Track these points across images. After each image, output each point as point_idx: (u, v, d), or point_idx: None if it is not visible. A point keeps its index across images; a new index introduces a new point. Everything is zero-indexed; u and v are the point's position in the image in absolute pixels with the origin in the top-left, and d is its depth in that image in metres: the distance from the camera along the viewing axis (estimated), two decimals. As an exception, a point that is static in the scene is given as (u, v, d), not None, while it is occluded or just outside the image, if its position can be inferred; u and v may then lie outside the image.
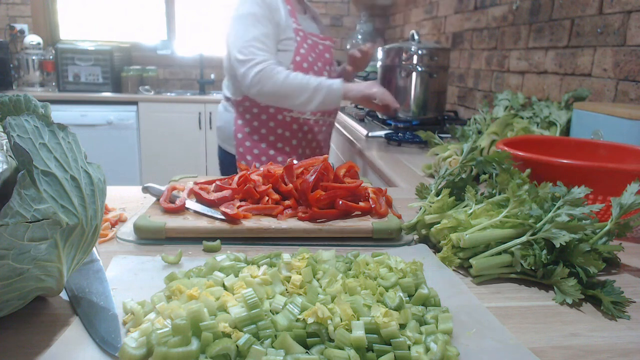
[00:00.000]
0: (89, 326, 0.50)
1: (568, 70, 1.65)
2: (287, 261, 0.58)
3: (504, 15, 2.05)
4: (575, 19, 1.61)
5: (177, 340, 0.44)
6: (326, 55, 1.77)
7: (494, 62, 2.14)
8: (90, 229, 0.52)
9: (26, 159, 0.45)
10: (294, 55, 1.64)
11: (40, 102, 0.56)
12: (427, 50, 2.01)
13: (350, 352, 0.44)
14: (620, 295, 0.59)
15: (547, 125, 1.43)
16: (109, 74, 3.47)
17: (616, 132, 1.15)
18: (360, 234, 0.77)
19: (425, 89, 2.04)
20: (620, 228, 0.67)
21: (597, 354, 0.50)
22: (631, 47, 1.38)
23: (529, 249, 0.65)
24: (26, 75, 3.59)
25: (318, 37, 1.74)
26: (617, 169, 0.81)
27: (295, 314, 0.49)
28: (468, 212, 0.72)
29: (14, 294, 0.47)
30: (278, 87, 1.56)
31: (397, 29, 3.67)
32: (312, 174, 0.83)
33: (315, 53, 1.71)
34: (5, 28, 3.69)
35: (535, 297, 0.62)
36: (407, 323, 0.49)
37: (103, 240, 0.75)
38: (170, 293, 0.52)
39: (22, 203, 0.43)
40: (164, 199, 0.83)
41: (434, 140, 1.31)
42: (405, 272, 0.57)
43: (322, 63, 1.73)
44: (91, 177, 0.52)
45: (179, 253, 0.67)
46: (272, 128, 1.75)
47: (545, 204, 0.69)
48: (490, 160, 0.82)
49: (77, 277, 0.60)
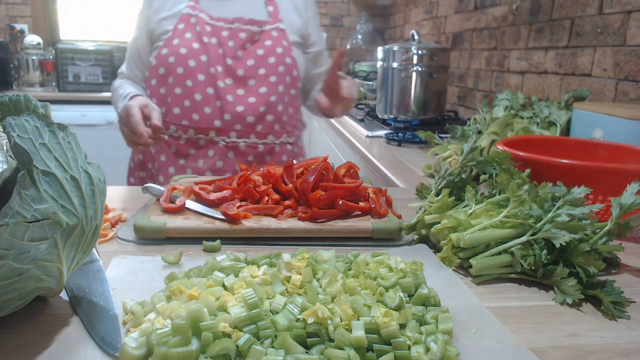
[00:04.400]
0: (89, 326, 0.50)
1: (568, 70, 1.65)
2: (287, 261, 0.58)
3: (504, 15, 2.05)
4: (575, 19, 1.61)
5: (177, 340, 0.44)
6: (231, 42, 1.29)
7: (494, 62, 2.14)
8: (90, 229, 0.52)
9: (26, 159, 0.45)
10: (160, 49, 1.28)
11: (40, 102, 0.56)
12: (427, 50, 2.01)
13: (350, 352, 0.44)
14: (620, 295, 0.59)
15: (547, 125, 1.43)
16: (109, 74, 3.47)
17: (616, 132, 1.15)
18: (360, 234, 0.77)
19: (425, 89, 2.04)
20: (620, 228, 0.67)
21: (597, 354, 0.50)
22: (631, 47, 1.38)
23: (529, 249, 0.65)
24: (26, 75, 3.59)
25: (225, 21, 1.30)
26: (617, 169, 0.81)
27: (295, 314, 0.49)
28: (468, 212, 0.72)
29: (14, 294, 0.47)
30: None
31: (397, 29, 3.67)
32: (312, 174, 0.83)
33: (207, 41, 1.27)
34: (5, 28, 3.69)
35: (535, 297, 0.62)
36: (407, 323, 0.49)
37: (103, 240, 0.75)
38: (170, 293, 0.52)
39: (22, 203, 0.43)
40: (164, 199, 0.83)
41: (434, 140, 1.31)
42: (405, 272, 0.57)
43: (224, 50, 1.28)
44: (91, 177, 0.52)
45: (179, 253, 0.67)
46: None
47: (545, 204, 0.69)
48: (490, 160, 0.82)
49: (77, 277, 0.60)
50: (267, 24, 1.34)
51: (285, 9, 1.39)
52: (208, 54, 1.27)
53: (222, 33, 1.30)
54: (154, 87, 1.32)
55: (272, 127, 1.35)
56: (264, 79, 1.31)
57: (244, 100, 1.29)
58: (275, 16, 1.36)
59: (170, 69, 1.27)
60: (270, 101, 1.31)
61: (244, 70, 1.29)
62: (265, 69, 1.31)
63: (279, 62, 1.32)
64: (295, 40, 1.39)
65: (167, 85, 1.29)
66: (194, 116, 1.28)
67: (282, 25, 1.36)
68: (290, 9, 1.40)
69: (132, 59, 1.41)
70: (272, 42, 1.32)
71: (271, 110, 1.32)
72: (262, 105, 1.30)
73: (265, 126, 1.33)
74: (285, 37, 1.35)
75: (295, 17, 1.40)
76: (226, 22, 1.31)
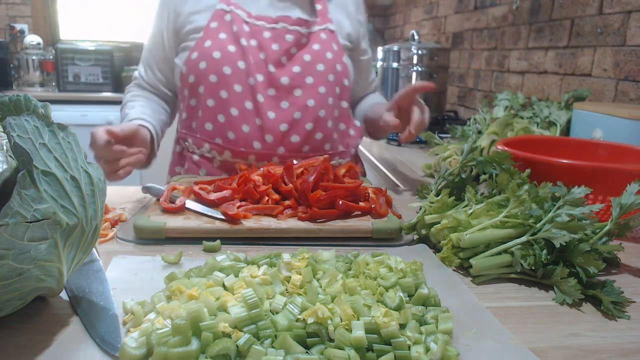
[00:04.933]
0: (89, 326, 0.50)
1: (568, 70, 1.65)
2: (287, 261, 0.58)
3: (504, 15, 2.05)
4: (575, 19, 1.61)
5: (177, 340, 0.44)
6: (275, 46, 1.10)
7: (494, 62, 2.14)
8: (90, 229, 0.52)
9: (26, 159, 0.45)
10: (190, 53, 1.09)
11: (40, 102, 0.56)
12: (427, 50, 2.01)
13: (350, 352, 0.44)
14: (620, 295, 0.59)
15: (547, 125, 1.43)
16: (109, 74, 3.47)
17: (616, 132, 1.15)
18: (360, 234, 0.77)
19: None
20: (620, 228, 0.67)
21: (597, 354, 0.50)
22: (631, 47, 1.38)
23: (529, 249, 0.65)
24: (26, 75, 3.59)
25: (267, 20, 1.11)
26: (617, 169, 0.81)
27: (295, 314, 0.49)
28: (468, 212, 0.72)
29: (14, 294, 0.47)
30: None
31: (397, 29, 3.67)
32: (312, 174, 0.83)
33: (245, 44, 1.07)
34: (5, 28, 3.69)
35: (535, 297, 0.62)
36: (407, 323, 0.49)
37: (103, 240, 0.75)
38: (171, 293, 0.52)
39: (22, 203, 0.43)
40: (164, 199, 0.83)
41: (434, 140, 1.31)
42: (405, 272, 0.57)
43: (267, 55, 1.08)
44: (91, 177, 0.52)
45: (179, 253, 0.67)
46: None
47: (545, 204, 0.69)
48: (490, 160, 0.82)
49: (77, 277, 0.60)
50: (315, 24, 1.14)
51: (334, 8, 1.20)
52: (246, 59, 1.06)
53: (264, 34, 1.09)
54: (186, 99, 1.13)
55: (322, 147, 1.14)
56: (311, 89, 1.10)
57: (289, 117, 1.08)
58: (324, 15, 1.16)
59: (201, 77, 1.07)
60: (318, 116, 1.11)
61: (289, 78, 1.09)
62: (313, 78, 1.10)
63: (328, 70, 1.12)
64: (345, 44, 1.20)
65: (198, 96, 1.09)
66: (229, 134, 1.08)
67: (332, 26, 1.16)
68: (339, 9, 1.21)
69: (153, 59, 1.19)
70: (321, 46, 1.12)
71: (320, 127, 1.12)
72: (309, 121, 1.10)
73: (314, 147, 1.13)
74: (336, 39, 1.16)
75: (345, 18, 1.21)
76: (268, 21, 1.11)
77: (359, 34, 1.25)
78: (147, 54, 1.21)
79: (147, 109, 1.14)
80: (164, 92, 1.22)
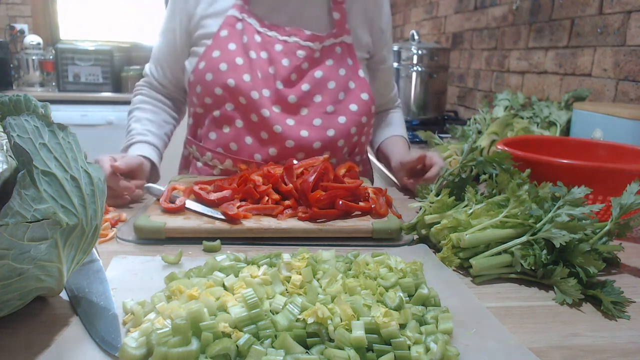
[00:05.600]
0: (89, 326, 0.50)
1: (568, 70, 1.65)
2: (287, 261, 0.58)
3: (504, 15, 2.05)
4: (575, 19, 1.61)
5: (177, 340, 0.44)
6: (285, 61, 1.06)
7: (494, 62, 2.14)
8: (90, 229, 0.52)
9: (26, 159, 0.45)
10: (198, 61, 1.07)
11: (40, 102, 0.56)
12: (427, 50, 2.01)
13: (350, 352, 0.44)
14: (620, 295, 0.59)
15: (547, 125, 1.43)
16: (109, 74, 3.46)
17: (616, 132, 1.15)
18: (360, 234, 0.77)
19: (425, 89, 2.04)
20: (620, 228, 0.67)
21: (597, 354, 0.50)
22: (631, 47, 1.38)
23: (529, 249, 0.65)
24: (26, 75, 3.59)
25: (280, 32, 1.08)
26: (617, 169, 0.81)
27: (295, 314, 0.49)
28: (468, 212, 0.72)
29: (14, 294, 0.47)
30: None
31: (397, 29, 3.67)
32: (312, 174, 0.83)
33: (254, 57, 1.05)
34: (5, 28, 3.69)
35: (535, 297, 0.62)
36: (407, 323, 0.49)
37: (103, 240, 0.75)
38: (170, 293, 0.52)
39: (22, 203, 0.43)
40: (164, 199, 0.83)
41: (434, 140, 1.31)
42: (405, 272, 0.57)
43: (276, 70, 1.06)
44: (91, 177, 0.52)
45: (179, 253, 0.67)
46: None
47: (545, 204, 0.69)
48: (490, 160, 0.82)
49: (77, 277, 0.60)
50: (331, 36, 1.09)
51: (354, 16, 1.15)
52: (253, 73, 1.04)
53: (275, 47, 1.06)
54: (194, 105, 1.12)
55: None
56: (318, 108, 1.07)
57: (295, 133, 1.04)
58: (341, 26, 1.11)
59: (207, 88, 1.05)
60: (327, 136, 1.06)
61: (296, 97, 1.06)
62: (321, 96, 1.07)
63: (339, 88, 1.08)
64: (362, 56, 1.17)
65: (205, 106, 1.09)
66: (231, 145, 1.07)
67: (349, 39, 1.12)
68: (359, 16, 1.16)
69: (164, 58, 1.17)
70: (334, 62, 1.09)
71: (330, 145, 1.07)
72: (317, 140, 1.05)
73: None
74: (352, 53, 1.12)
75: (365, 26, 1.17)
76: (281, 33, 1.07)
77: (379, 41, 1.20)
78: (157, 52, 1.19)
79: (152, 125, 1.15)
80: (174, 91, 1.22)
